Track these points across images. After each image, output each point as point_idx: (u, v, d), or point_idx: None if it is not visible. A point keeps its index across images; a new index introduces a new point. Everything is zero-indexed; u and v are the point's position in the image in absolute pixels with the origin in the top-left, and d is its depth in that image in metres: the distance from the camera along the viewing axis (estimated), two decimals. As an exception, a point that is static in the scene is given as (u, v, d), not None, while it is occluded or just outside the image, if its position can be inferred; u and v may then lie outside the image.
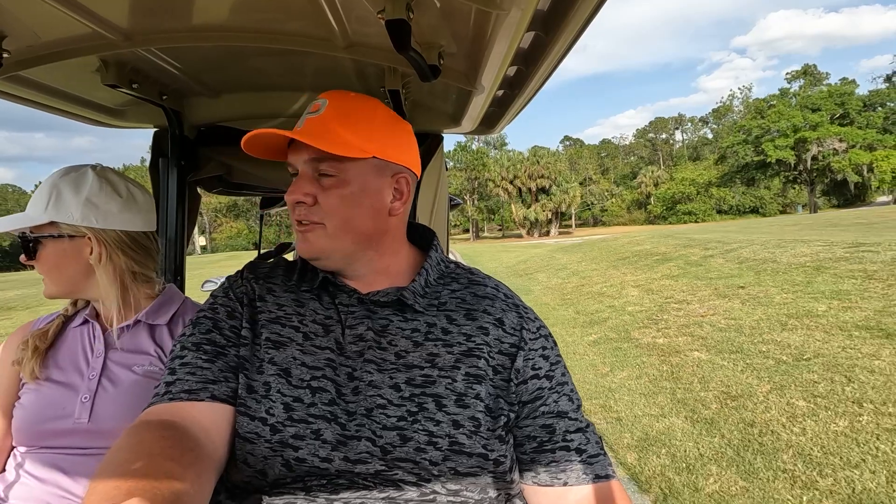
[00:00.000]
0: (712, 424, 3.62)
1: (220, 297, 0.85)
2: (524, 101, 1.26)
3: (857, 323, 4.73)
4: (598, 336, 6.43)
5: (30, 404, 1.04)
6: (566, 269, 12.90)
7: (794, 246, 8.55)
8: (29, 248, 1.09)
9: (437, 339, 0.78)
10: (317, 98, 0.81)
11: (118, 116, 1.56)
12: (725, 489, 2.85)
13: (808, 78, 62.24)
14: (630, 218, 68.85)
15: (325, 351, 0.76)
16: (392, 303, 0.80)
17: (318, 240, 0.78)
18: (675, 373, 4.70)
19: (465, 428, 0.72)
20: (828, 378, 3.85)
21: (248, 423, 0.72)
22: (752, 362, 4.48)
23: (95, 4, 0.88)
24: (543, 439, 0.78)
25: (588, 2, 0.71)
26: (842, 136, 47.81)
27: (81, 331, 1.14)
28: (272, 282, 0.85)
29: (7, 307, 9.64)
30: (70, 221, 1.08)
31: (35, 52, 1.03)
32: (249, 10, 0.94)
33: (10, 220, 1.08)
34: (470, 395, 0.74)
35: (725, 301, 6.47)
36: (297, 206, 0.78)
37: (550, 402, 0.79)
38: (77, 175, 1.10)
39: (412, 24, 0.75)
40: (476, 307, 0.82)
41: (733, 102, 79.39)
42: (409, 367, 0.75)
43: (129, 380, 1.06)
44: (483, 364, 0.76)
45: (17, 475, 1.04)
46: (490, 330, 0.79)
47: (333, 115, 0.78)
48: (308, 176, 0.78)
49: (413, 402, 0.73)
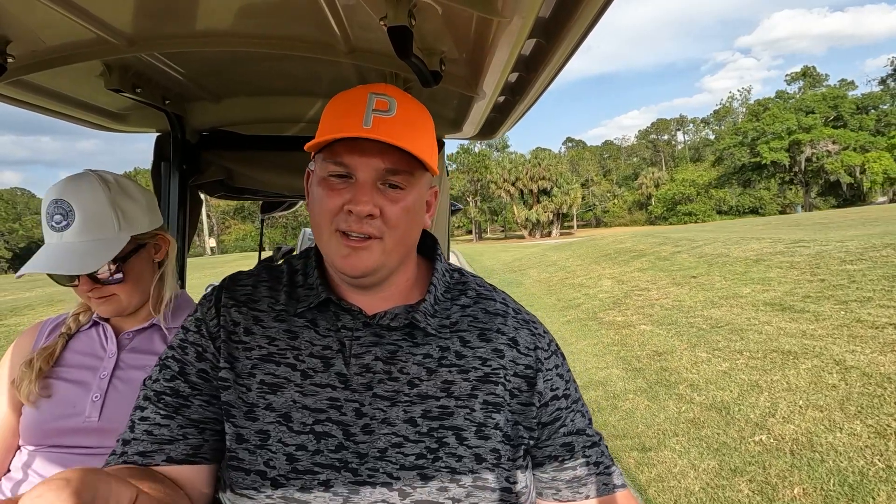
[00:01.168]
0: (639, 371, 4.91)
1: (192, 331, 0.76)
2: (525, 106, 1.25)
3: (766, 301, 6.01)
4: (572, 317, 7.72)
5: (40, 402, 1.02)
6: (555, 265, 14.21)
7: (749, 242, 9.83)
8: (111, 275, 1.04)
9: (452, 364, 0.72)
10: (376, 93, 0.68)
11: (121, 121, 1.55)
12: (635, 407, 4.14)
13: (808, 79, 63.16)
14: (631, 219, 69.70)
15: (327, 389, 0.69)
16: (402, 327, 0.73)
17: (373, 256, 0.69)
18: (624, 340, 5.99)
19: (487, 462, 0.68)
20: (728, 338, 5.14)
21: (244, 479, 0.66)
22: (680, 330, 5.78)
23: (99, 9, 0.87)
24: (565, 458, 0.76)
25: (589, 9, 0.71)
26: (835, 139, 48.83)
27: (93, 332, 1.12)
28: (257, 308, 0.76)
29: (28, 305, 10.98)
30: (143, 229, 1.09)
31: (39, 57, 1.01)
32: (252, 16, 0.93)
33: (96, 258, 1.01)
34: (490, 426, 0.70)
35: (678, 288, 7.75)
36: (350, 216, 0.67)
37: (569, 422, 0.77)
38: (116, 184, 1.07)
39: (414, 30, 0.74)
40: (489, 326, 0.76)
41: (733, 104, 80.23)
42: (423, 397, 0.70)
43: (139, 380, 1.01)
44: (500, 390, 0.72)
45: (24, 474, 1.02)
46: (505, 352, 0.75)
47: (405, 119, 0.68)
48: (373, 184, 0.68)
49: (432, 437, 0.68)
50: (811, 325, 4.94)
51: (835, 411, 3.37)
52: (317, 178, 0.72)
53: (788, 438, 3.16)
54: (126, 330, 1.12)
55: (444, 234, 1.88)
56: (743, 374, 4.27)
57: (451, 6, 0.78)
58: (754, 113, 56.03)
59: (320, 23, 0.92)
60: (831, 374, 3.87)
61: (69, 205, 1.01)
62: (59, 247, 1.00)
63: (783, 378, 4.01)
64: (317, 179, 0.72)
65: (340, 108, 0.70)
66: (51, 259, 0.99)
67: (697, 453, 3.20)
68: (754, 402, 3.75)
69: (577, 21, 0.75)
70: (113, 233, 1.04)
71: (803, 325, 5.01)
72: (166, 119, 1.51)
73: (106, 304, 1.07)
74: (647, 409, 4.06)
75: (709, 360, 4.73)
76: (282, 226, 58.10)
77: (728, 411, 3.70)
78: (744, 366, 4.42)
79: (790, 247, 8.51)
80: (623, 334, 6.21)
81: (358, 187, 0.68)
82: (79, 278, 1.03)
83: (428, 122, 0.74)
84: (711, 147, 73.03)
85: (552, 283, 11.51)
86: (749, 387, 4.01)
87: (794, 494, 2.64)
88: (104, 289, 1.05)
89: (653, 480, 2.98)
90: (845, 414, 3.31)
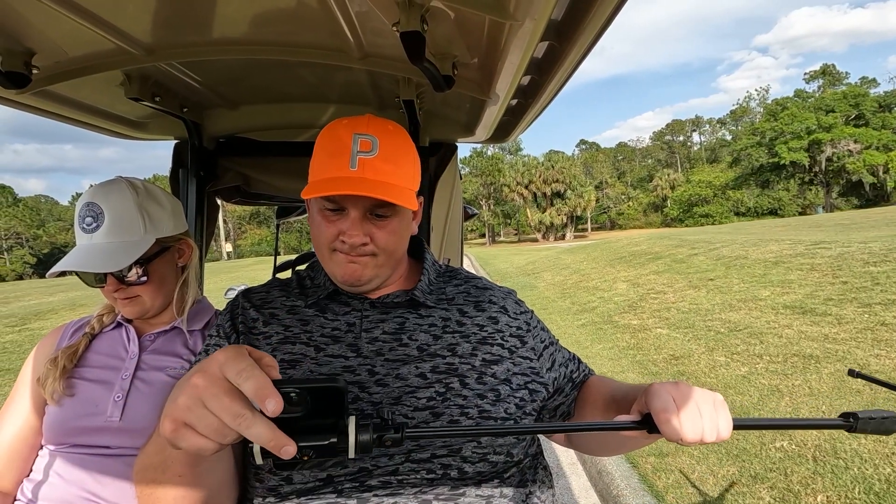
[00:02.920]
0: (655, 375, 4.83)
1: (213, 335, 0.87)
2: (538, 109, 1.26)
3: (786, 304, 5.89)
4: (586, 321, 7.65)
5: (64, 400, 1.04)
6: (569, 268, 14.10)
7: (767, 244, 9.64)
8: (138, 276, 1.08)
9: (455, 331, 0.84)
10: (359, 133, 0.76)
11: (140, 129, 1.58)
12: (651, 411, 4.09)
13: (828, 78, 62.03)
14: (646, 221, 69.02)
15: (339, 359, 0.79)
16: (404, 303, 0.85)
17: (366, 269, 0.81)
18: (639, 344, 5.91)
19: (488, 398, 0.78)
20: (746, 342, 5.04)
21: None
22: (697, 334, 5.68)
23: (120, 20, 0.89)
24: (573, 376, 0.95)
25: (602, 10, 0.71)
26: (856, 138, 47.77)
27: (116, 333, 1.15)
28: (272, 306, 0.87)
29: (52, 310, 11.25)
30: (168, 233, 1.13)
31: (62, 68, 1.04)
32: (267, 24, 0.95)
33: (123, 258, 1.04)
34: (488, 374, 0.80)
35: (695, 291, 7.63)
36: (344, 244, 0.79)
37: (560, 358, 0.94)
38: (144, 190, 1.11)
39: (426, 35, 0.75)
40: (482, 298, 0.90)
41: (750, 104, 79.06)
42: (432, 356, 0.80)
43: (160, 381, 1.07)
44: (497, 349, 0.84)
45: (44, 475, 1.03)
46: (499, 318, 0.88)
47: (386, 155, 0.77)
48: (362, 217, 0.78)
49: (441, 383, 0.77)
50: (833, 329, 4.82)
51: (859, 417, 3.28)
52: (314, 208, 0.84)
53: (811, 444, 3.09)
54: (148, 332, 1.15)
55: (458, 238, 1.89)
56: (763, 378, 4.18)
57: (463, 11, 0.79)
58: (772, 112, 55.08)
59: (333, 29, 0.94)
60: (855, 379, 3.77)
61: (100, 208, 1.06)
62: (89, 247, 1.05)
63: (805, 383, 3.92)
64: (314, 208, 0.84)
65: (328, 148, 0.79)
66: (81, 259, 1.03)
67: (716, 459, 3.14)
68: (775, 407, 3.67)
69: (589, 22, 0.75)
70: (139, 235, 1.08)
71: (825, 328, 4.90)
72: (184, 126, 1.55)
73: (131, 305, 1.11)
74: (665, 413, 4.00)
75: (727, 365, 4.64)
76: (297, 230, 58.64)
77: (748, 417, 3.63)
78: (763, 370, 4.34)
79: (811, 248, 8.33)
80: (639, 338, 6.13)
81: (350, 221, 0.79)
82: (106, 279, 1.07)
83: (409, 149, 0.83)
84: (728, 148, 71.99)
85: (566, 286, 11.42)
86: (769, 391, 3.93)
87: (817, 502, 2.58)
88: (129, 290, 1.09)
89: (670, 487, 2.93)
90: (870, 420, 3.22)
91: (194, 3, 0.88)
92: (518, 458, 0.80)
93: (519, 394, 0.83)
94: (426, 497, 0.73)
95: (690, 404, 0.65)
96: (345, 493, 0.73)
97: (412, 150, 0.84)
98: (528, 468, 0.84)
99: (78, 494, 1.00)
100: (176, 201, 1.20)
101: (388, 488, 0.73)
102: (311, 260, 0.96)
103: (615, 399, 0.85)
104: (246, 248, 66.28)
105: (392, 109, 1.54)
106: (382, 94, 1.45)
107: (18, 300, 15.36)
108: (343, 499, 0.73)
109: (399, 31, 0.75)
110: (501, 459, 0.78)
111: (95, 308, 1.20)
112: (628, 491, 2.95)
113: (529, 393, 0.84)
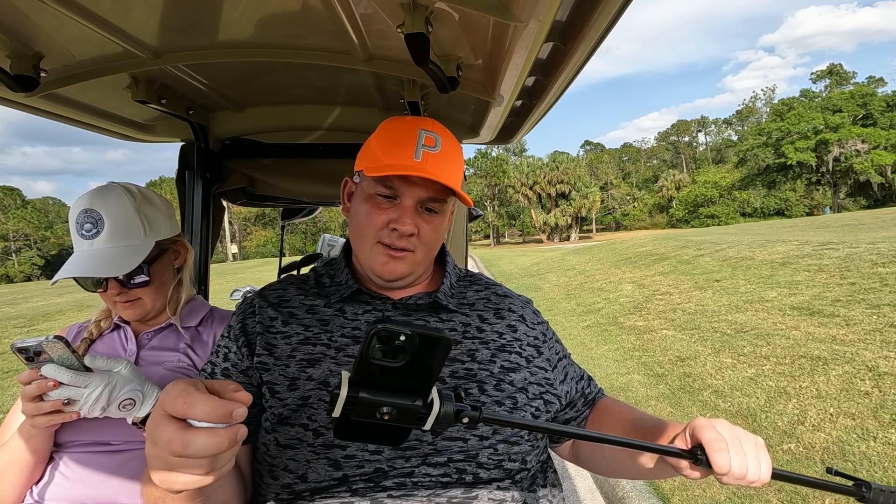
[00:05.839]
0: (661, 377, 4.81)
1: (224, 336, 0.87)
2: (543, 110, 1.27)
3: (793, 305, 5.84)
4: (591, 322, 7.62)
5: None
6: (574, 269, 14.07)
7: (774, 245, 9.58)
8: (141, 279, 1.10)
9: (474, 337, 0.85)
10: (425, 129, 0.81)
11: (147, 131, 1.58)
12: (657, 413, 4.05)
13: (835, 77, 61.62)
14: (652, 222, 68.75)
15: None
16: (426, 305, 0.86)
17: (406, 265, 0.82)
18: (645, 345, 5.88)
19: (506, 406, 0.79)
20: (753, 343, 5.01)
21: (290, 431, 0.75)
22: (703, 335, 5.65)
23: (127, 24, 0.90)
24: (586, 392, 0.96)
25: (607, 11, 0.72)
26: (864, 137, 47.38)
27: (114, 335, 1.17)
28: (290, 305, 0.87)
29: (59, 311, 11.34)
30: (165, 235, 1.15)
31: (70, 71, 1.05)
32: (272, 27, 0.96)
33: (127, 262, 1.06)
34: (506, 381, 0.82)
35: (701, 292, 7.59)
36: (393, 233, 0.80)
37: (572, 373, 0.95)
38: (140, 194, 1.13)
39: (431, 37, 0.76)
40: (502, 306, 0.91)
41: (756, 104, 78.64)
42: (451, 361, 0.80)
43: (159, 374, 1.10)
44: (515, 357, 0.85)
45: (50, 476, 1.05)
46: (518, 327, 0.89)
47: (446, 153, 0.81)
48: (415, 208, 0.81)
49: (459, 388, 0.78)
50: (841, 330, 4.78)
51: (868, 419, 3.25)
52: (363, 194, 0.84)
53: (819, 447, 3.06)
54: (144, 331, 1.18)
55: (462, 240, 1.88)
56: (770, 380, 4.15)
57: (467, 12, 0.79)
58: (779, 112, 54.76)
59: (338, 32, 0.95)
60: (863, 381, 3.74)
61: (98, 214, 1.06)
62: (90, 253, 1.06)
63: (812, 385, 3.89)
64: (363, 195, 0.84)
65: (393, 138, 0.81)
66: (85, 264, 1.04)
67: (723, 461, 3.11)
68: (782, 409, 3.65)
69: (594, 23, 0.75)
70: (140, 238, 1.10)
71: (833, 329, 4.86)
72: (190, 129, 1.56)
73: (132, 308, 1.12)
74: (671, 415, 3.97)
75: (734, 366, 4.61)
76: (302, 232, 58.87)
77: (755, 418, 3.60)
78: (770, 372, 4.31)
79: (818, 249, 8.27)
80: (644, 339, 6.10)
81: (403, 209, 0.80)
82: (107, 283, 1.08)
83: (461, 155, 0.86)
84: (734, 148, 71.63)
85: (571, 287, 11.39)
86: (776, 393, 3.90)
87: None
88: (131, 293, 1.11)
89: (676, 489, 2.91)
90: (879, 422, 3.19)
91: (200, 7, 0.88)
92: (531, 466, 0.81)
93: (535, 403, 0.83)
94: (439, 500, 0.74)
95: (738, 442, 0.66)
96: (359, 492, 0.73)
97: (462, 155, 0.88)
98: (539, 472, 0.85)
99: (83, 492, 1.02)
100: (169, 203, 1.21)
101: (401, 489, 0.73)
102: (314, 262, 0.97)
103: (640, 429, 0.85)
104: (251, 249, 66.55)
105: (397, 111, 1.55)
106: (387, 96, 1.45)
107: (27, 301, 15.48)
108: (357, 498, 0.73)
109: (404, 33, 0.75)
110: (516, 467, 0.78)
111: (92, 314, 1.22)
112: (634, 493, 2.94)
113: (544, 403, 0.85)
